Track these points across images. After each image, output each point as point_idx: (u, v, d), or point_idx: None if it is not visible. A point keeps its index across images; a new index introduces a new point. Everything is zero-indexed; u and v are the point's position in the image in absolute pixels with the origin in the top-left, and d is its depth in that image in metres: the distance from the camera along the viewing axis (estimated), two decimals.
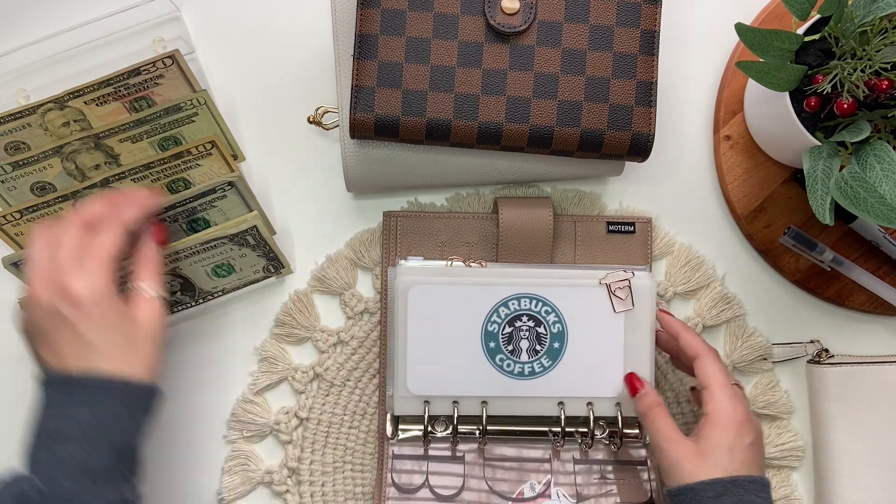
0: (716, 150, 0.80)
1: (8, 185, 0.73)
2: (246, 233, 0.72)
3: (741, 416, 0.64)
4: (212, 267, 0.74)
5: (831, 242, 0.78)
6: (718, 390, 0.65)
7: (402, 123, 0.71)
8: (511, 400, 0.74)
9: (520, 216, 0.76)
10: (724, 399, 0.65)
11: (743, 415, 0.65)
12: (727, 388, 0.66)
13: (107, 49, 0.79)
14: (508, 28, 0.71)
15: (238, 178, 0.71)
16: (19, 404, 0.78)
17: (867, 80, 0.65)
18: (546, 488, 0.75)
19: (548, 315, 0.74)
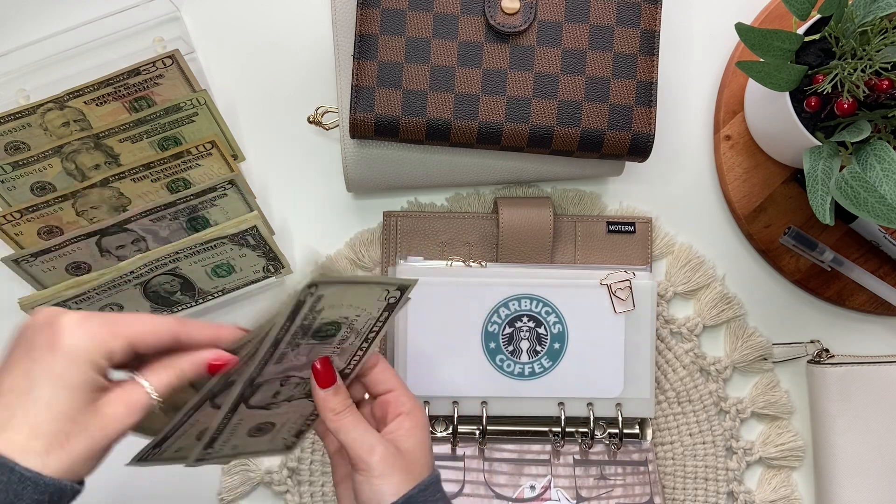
0: (716, 150, 0.80)
1: (8, 185, 0.73)
2: (246, 233, 0.72)
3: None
4: (212, 267, 0.74)
5: (831, 242, 0.78)
6: (408, 391, 0.60)
7: (402, 123, 0.71)
8: (511, 400, 0.74)
9: (520, 216, 0.76)
10: (415, 399, 0.60)
11: None
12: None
13: (107, 49, 0.79)
14: (508, 28, 0.71)
15: (238, 177, 0.71)
16: None
17: (867, 80, 0.65)
18: (546, 488, 0.75)
19: (548, 315, 0.74)
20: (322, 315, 0.53)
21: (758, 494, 0.78)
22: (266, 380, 0.56)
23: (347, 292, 0.53)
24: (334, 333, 0.56)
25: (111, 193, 0.72)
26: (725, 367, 0.79)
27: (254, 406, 0.57)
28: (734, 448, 0.78)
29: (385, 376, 0.60)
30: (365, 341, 0.58)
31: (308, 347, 0.56)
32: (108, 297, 0.72)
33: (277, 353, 0.54)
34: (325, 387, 0.57)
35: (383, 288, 0.55)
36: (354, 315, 0.55)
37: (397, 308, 0.57)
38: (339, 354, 0.58)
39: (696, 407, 0.78)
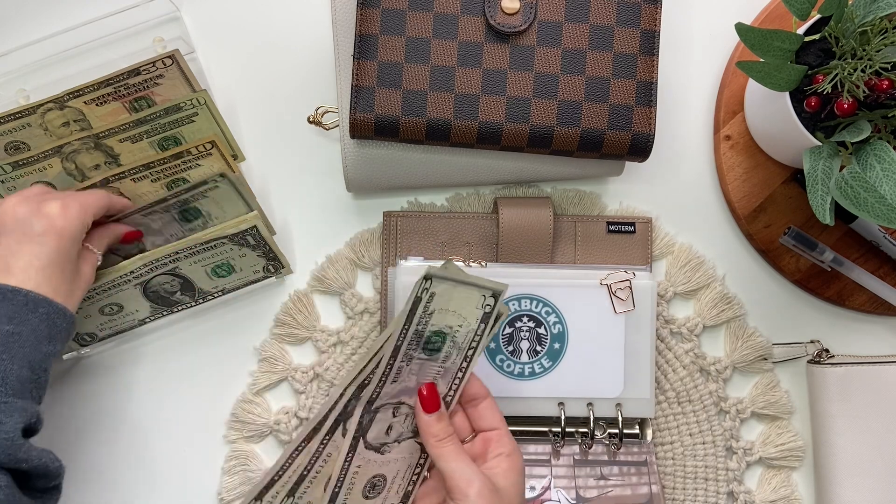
0: (716, 150, 0.80)
1: (8, 185, 0.73)
2: (246, 233, 0.72)
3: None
4: (212, 267, 0.74)
5: (831, 242, 0.78)
6: (509, 433, 0.63)
7: (402, 123, 0.71)
8: (511, 400, 0.74)
9: (520, 216, 0.76)
10: (515, 442, 0.62)
11: None
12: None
13: (107, 49, 0.79)
14: (508, 28, 0.71)
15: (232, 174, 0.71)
16: None
17: (867, 80, 0.65)
18: (546, 489, 0.75)
19: (548, 316, 0.74)
20: (432, 320, 0.58)
21: (758, 494, 0.78)
22: (383, 403, 0.60)
23: (454, 293, 0.59)
24: (440, 347, 0.60)
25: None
26: (725, 367, 0.79)
27: (370, 446, 0.62)
28: (734, 448, 0.78)
29: (491, 413, 0.63)
30: (465, 360, 0.61)
31: (418, 364, 0.60)
32: (108, 296, 0.72)
33: (396, 365, 0.59)
34: (430, 412, 0.61)
35: (481, 292, 0.59)
36: (457, 324, 0.60)
37: (491, 320, 0.60)
38: (442, 376, 0.61)
39: (696, 407, 0.78)
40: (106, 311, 0.73)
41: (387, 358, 0.59)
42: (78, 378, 0.77)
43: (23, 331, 0.60)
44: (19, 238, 0.62)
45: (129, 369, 0.78)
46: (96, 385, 0.77)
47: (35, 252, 0.62)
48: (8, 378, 0.58)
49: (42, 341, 0.61)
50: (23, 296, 0.60)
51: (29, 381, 0.60)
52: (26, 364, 0.59)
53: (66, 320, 0.63)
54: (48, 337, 0.61)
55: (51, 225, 0.63)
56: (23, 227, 0.63)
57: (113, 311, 0.74)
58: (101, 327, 0.75)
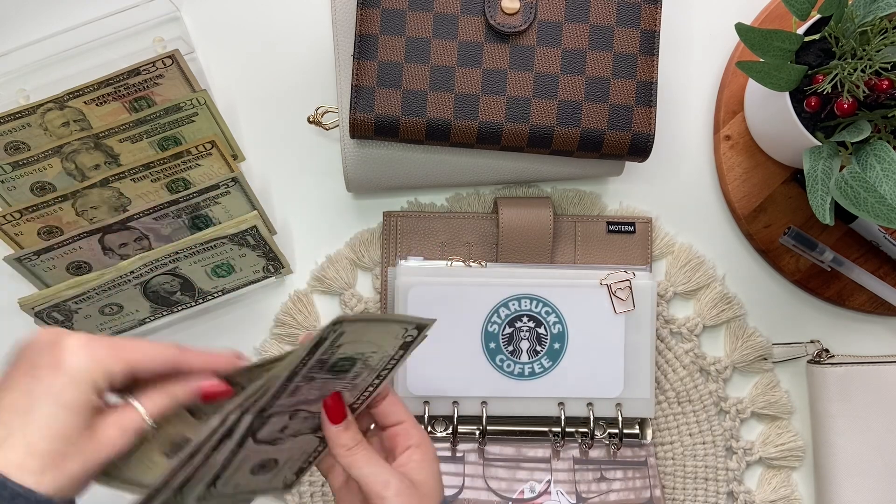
0: (716, 150, 0.80)
1: (8, 185, 0.73)
2: (246, 233, 0.72)
3: None
4: (211, 267, 0.74)
5: (831, 242, 0.78)
6: (417, 423, 0.60)
7: (402, 123, 0.71)
8: (511, 400, 0.74)
9: (520, 216, 0.76)
10: (423, 431, 0.61)
11: None
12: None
13: (107, 49, 0.79)
14: (508, 28, 0.71)
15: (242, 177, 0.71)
16: None
17: (867, 80, 0.65)
18: (546, 488, 0.75)
19: (548, 316, 0.74)
20: (341, 350, 0.54)
21: (758, 494, 0.78)
22: (276, 412, 0.56)
23: (369, 330, 0.54)
24: (349, 369, 0.56)
25: (111, 193, 0.72)
26: (725, 367, 0.79)
27: (261, 441, 0.57)
28: (734, 448, 0.78)
29: (394, 409, 0.60)
30: (377, 377, 0.58)
31: (322, 381, 0.56)
32: (108, 296, 0.72)
33: (292, 385, 0.54)
34: (337, 423, 0.57)
35: (402, 326, 0.55)
36: (371, 351, 0.56)
37: (413, 347, 0.57)
38: (349, 389, 0.58)
39: (696, 407, 0.78)
40: (106, 311, 0.73)
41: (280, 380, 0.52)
42: None
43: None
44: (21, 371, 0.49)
45: None
46: None
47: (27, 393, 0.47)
48: None
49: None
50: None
51: None
52: None
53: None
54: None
55: (57, 359, 0.48)
56: (31, 357, 0.49)
57: (113, 312, 0.74)
58: (101, 327, 0.75)
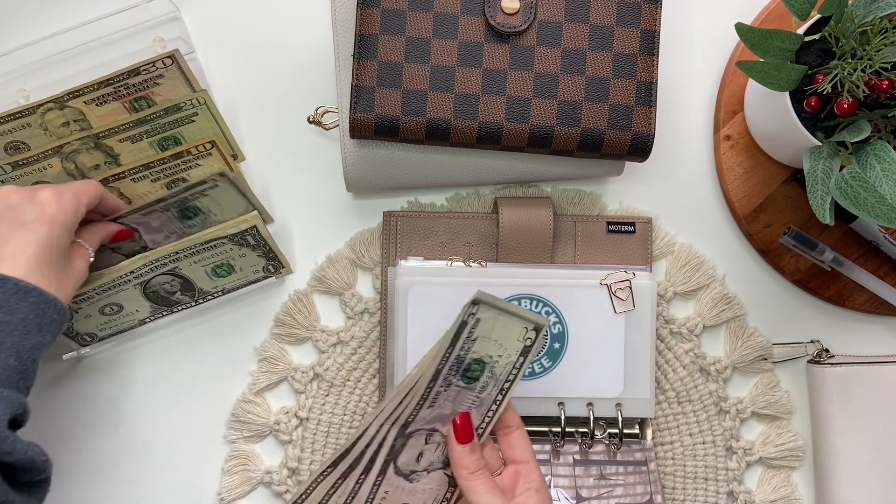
0: (716, 150, 0.80)
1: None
2: (245, 233, 0.72)
3: None
4: (212, 267, 0.74)
5: (831, 242, 0.78)
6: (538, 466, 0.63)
7: (402, 123, 0.71)
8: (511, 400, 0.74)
9: (520, 216, 0.76)
10: (542, 476, 0.63)
11: None
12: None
13: (107, 49, 0.79)
14: (508, 28, 0.71)
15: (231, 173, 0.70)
16: None
17: (867, 79, 0.65)
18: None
19: (548, 315, 0.74)
20: (475, 347, 0.59)
21: (758, 494, 0.78)
22: (417, 428, 0.60)
23: (497, 322, 0.59)
24: (478, 376, 0.60)
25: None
26: (725, 367, 0.79)
27: (400, 471, 0.61)
28: (734, 448, 0.78)
29: (522, 444, 0.63)
30: (500, 392, 0.61)
31: (456, 391, 0.60)
32: (108, 296, 0.72)
33: (435, 388, 0.59)
34: (463, 442, 0.61)
35: (523, 324, 0.59)
36: (497, 355, 0.60)
37: (531, 354, 0.60)
38: (476, 406, 0.61)
39: (696, 407, 0.78)
40: (106, 311, 0.73)
41: (427, 380, 0.59)
42: (78, 378, 0.77)
43: (11, 319, 0.58)
44: (10, 225, 0.61)
45: (129, 369, 0.78)
46: (96, 385, 0.77)
47: (26, 239, 0.61)
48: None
49: (31, 331, 0.60)
50: (12, 284, 0.59)
51: (16, 371, 0.58)
52: (14, 353, 0.58)
53: (56, 311, 0.62)
54: (38, 327, 0.60)
55: (42, 212, 0.62)
56: (14, 213, 0.62)
57: (113, 312, 0.74)
58: (101, 327, 0.75)
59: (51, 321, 0.61)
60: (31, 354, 0.60)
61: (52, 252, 0.62)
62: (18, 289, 0.59)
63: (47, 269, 0.61)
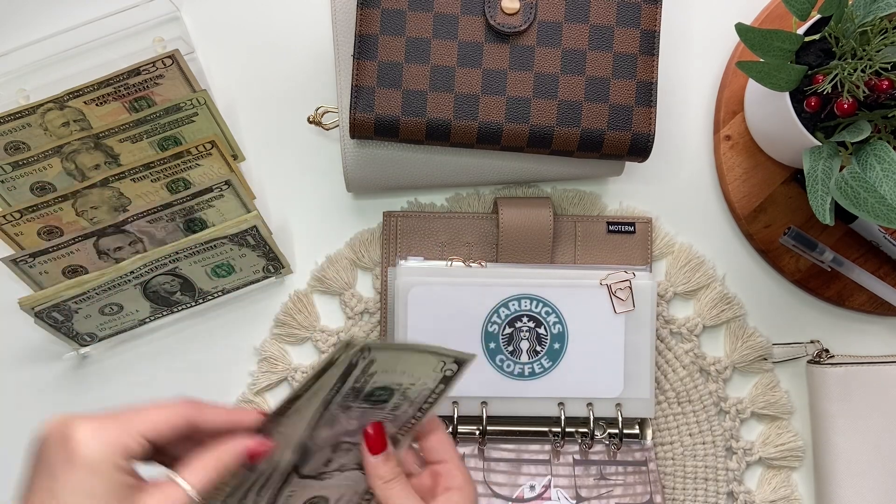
0: (716, 150, 0.80)
1: (8, 185, 0.73)
2: (246, 233, 0.72)
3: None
4: (211, 267, 0.74)
5: (831, 242, 0.78)
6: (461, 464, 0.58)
7: (402, 123, 0.71)
8: (511, 400, 0.74)
9: (520, 216, 0.76)
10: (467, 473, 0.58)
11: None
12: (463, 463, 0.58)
13: (107, 49, 0.79)
14: (508, 28, 0.71)
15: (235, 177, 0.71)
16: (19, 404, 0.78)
17: (867, 80, 0.65)
18: (546, 488, 0.75)
19: (548, 316, 0.74)
20: (374, 379, 0.52)
21: (758, 494, 0.78)
22: (319, 445, 0.55)
23: (400, 358, 0.52)
24: (387, 399, 0.55)
25: (111, 193, 0.72)
26: (725, 367, 0.79)
27: (306, 476, 0.56)
28: (734, 448, 0.78)
29: (441, 446, 0.58)
30: (419, 411, 0.56)
31: (360, 411, 0.55)
32: (107, 296, 0.72)
33: (328, 414, 0.53)
34: (376, 453, 0.56)
35: (439, 359, 0.53)
36: (409, 383, 0.54)
37: (454, 381, 0.55)
38: (391, 420, 0.57)
39: (696, 407, 0.78)
40: (106, 311, 0.73)
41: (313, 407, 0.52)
42: (78, 378, 0.77)
43: None
44: (39, 468, 0.47)
45: (129, 369, 0.78)
46: (96, 385, 0.77)
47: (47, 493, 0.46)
48: None
49: None
50: None
51: None
52: None
53: None
54: None
55: (69, 454, 0.46)
56: (45, 458, 0.47)
57: (113, 312, 0.74)
58: (101, 327, 0.75)
59: None
60: None
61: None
62: None
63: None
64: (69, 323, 0.72)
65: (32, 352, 0.77)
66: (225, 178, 0.70)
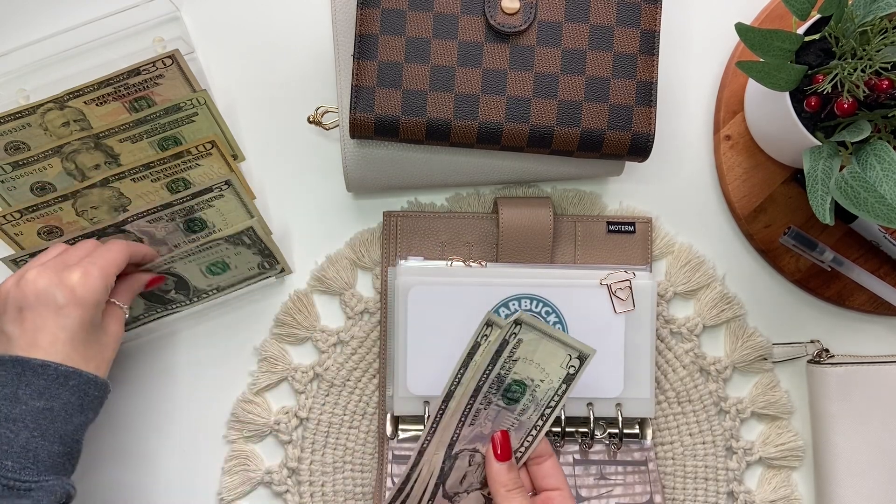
0: (716, 150, 0.80)
1: (8, 185, 0.73)
2: (242, 233, 0.72)
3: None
4: (206, 265, 0.74)
5: (831, 242, 0.78)
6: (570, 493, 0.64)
7: (402, 123, 0.71)
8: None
9: (520, 216, 0.76)
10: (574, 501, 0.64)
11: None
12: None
13: (107, 49, 0.79)
14: (508, 28, 0.71)
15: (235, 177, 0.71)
16: None
17: (867, 79, 0.65)
18: None
19: (548, 315, 0.74)
20: (516, 367, 0.59)
21: (758, 494, 0.78)
22: (461, 449, 0.60)
23: (540, 345, 0.59)
24: (519, 398, 0.61)
25: (111, 193, 0.72)
26: (725, 367, 0.79)
27: (447, 494, 0.62)
28: (734, 448, 0.78)
29: (554, 472, 0.63)
30: (541, 418, 0.62)
31: (496, 410, 0.60)
32: None
33: (475, 406, 0.59)
34: (502, 460, 0.62)
35: (566, 351, 0.59)
36: (539, 379, 0.60)
37: (574, 383, 0.60)
38: (516, 429, 0.62)
39: (696, 407, 0.78)
40: None
41: (467, 396, 0.59)
42: None
43: (54, 406, 0.60)
44: (42, 312, 0.61)
45: (128, 369, 0.78)
46: None
47: (60, 324, 0.61)
48: (40, 455, 0.59)
49: (74, 413, 0.61)
50: (52, 370, 0.60)
51: (62, 456, 0.61)
52: (58, 439, 0.60)
53: (98, 389, 0.63)
54: (80, 408, 0.62)
55: (72, 295, 0.62)
56: (45, 299, 0.62)
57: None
58: None
59: (93, 399, 0.63)
60: (75, 435, 0.62)
61: (86, 331, 0.63)
62: (59, 374, 0.61)
63: (83, 348, 0.62)
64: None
65: None
66: (225, 178, 0.70)
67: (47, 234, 0.73)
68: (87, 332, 0.63)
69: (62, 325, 0.61)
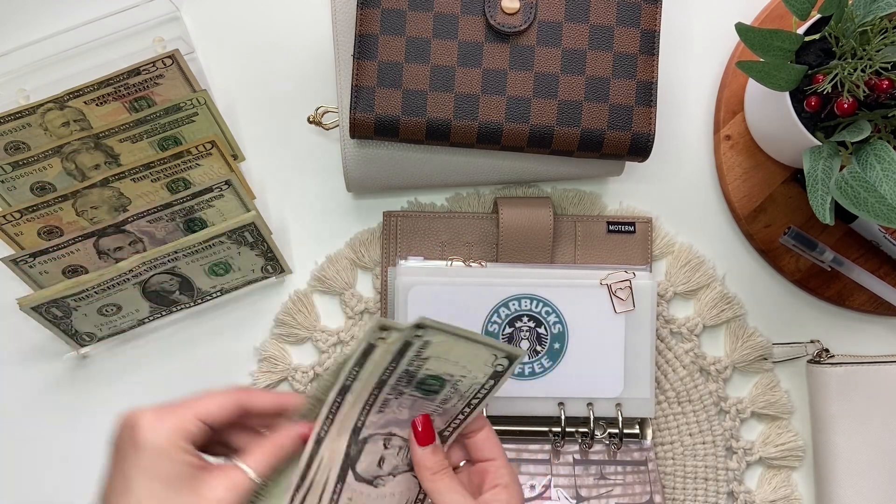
0: (716, 150, 0.80)
1: (8, 185, 0.73)
2: (244, 229, 0.72)
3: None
4: (209, 265, 0.74)
5: (831, 242, 0.78)
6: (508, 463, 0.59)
7: (402, 123, 0.71)
8: (511, 400, 0.74)
9: (520, 216, 0.76)
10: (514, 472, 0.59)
11: None
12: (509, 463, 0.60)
13: (107, 49, 0.79)
14: (508, 28, 0.71)
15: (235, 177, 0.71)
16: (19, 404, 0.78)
17: (867, 79, 0.65)
18: (546, 488, 0.75)
19: (548, 315, 0.74)
20: (427, 365, 0.54)
21: (758, 494, 0.78)
22: (370, 434, 0.57)
23: (454, 346, 0.54)
24: (437, 390, 0.57)
25: (111, 193, 0.72)
26: (725, 367, 0.79)
27: (361, 478, 0.58)
28: (734, 448, 0.78)
29: (489, 444, 0.59)
30: (468, 406, 0.58)
31: (411, 400, 0.57)
32: (106, 296, 0.72)
33: (381, 396, 0.55)
34: (424, 445, 0.57)
35: (491, 352, 0.55)
36: (459, 374, 0.56)
37: (504, 377, 0.56)
38: (440, 415, 0.58)
39: (696, 407, 0.78)
40: (104, 312, 0.73)
41: (370, 387, 0.55)
42: (78, 378, 0.77)
43: None
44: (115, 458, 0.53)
45: (128, 369, 0.78)
46: (96, 385, 0.77)
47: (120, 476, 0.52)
48: None
49: None
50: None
51: None
52: None
53: None
54: None
55: (135, 439, 0.51)
56: (117, 447, 0.53)
57: (111, 312, 0.74)
58: (100, 327, 0.75)
59: None
60: None
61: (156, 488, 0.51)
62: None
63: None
64: (68, 320, 0.72)
65: (32, 352, 0.77)
66: (225, 177, 0.70)
67: (47, 234, 0.73)
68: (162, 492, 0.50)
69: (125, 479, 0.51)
